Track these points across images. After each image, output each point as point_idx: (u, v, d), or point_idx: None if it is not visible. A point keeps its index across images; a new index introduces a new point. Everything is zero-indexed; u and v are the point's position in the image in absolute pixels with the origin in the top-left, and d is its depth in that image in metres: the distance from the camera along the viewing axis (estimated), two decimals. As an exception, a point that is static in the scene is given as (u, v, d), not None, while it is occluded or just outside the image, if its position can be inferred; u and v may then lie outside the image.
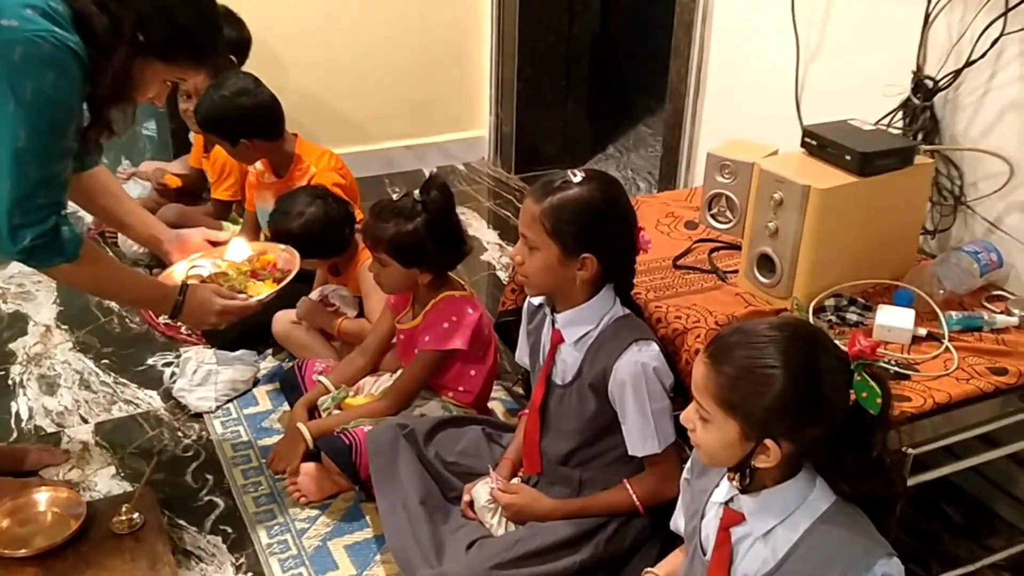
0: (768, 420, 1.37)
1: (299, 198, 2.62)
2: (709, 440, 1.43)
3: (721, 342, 1.42)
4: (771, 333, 1.40)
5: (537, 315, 2.07)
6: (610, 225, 1.84)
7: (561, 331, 1.94)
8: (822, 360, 1.38)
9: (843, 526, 1.44)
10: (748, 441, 1.39)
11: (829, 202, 1.95)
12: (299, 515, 2.25)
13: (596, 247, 1.84)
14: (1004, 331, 1.99)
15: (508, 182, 4.17)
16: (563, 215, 1.82)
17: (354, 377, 2.49)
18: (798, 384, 1.36)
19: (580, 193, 1.82)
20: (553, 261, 1.85)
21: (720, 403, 1.39)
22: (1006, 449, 1.96)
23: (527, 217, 1.86)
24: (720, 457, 1.45)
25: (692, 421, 1.45)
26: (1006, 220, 2.17)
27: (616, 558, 1.96)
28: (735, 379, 1.37)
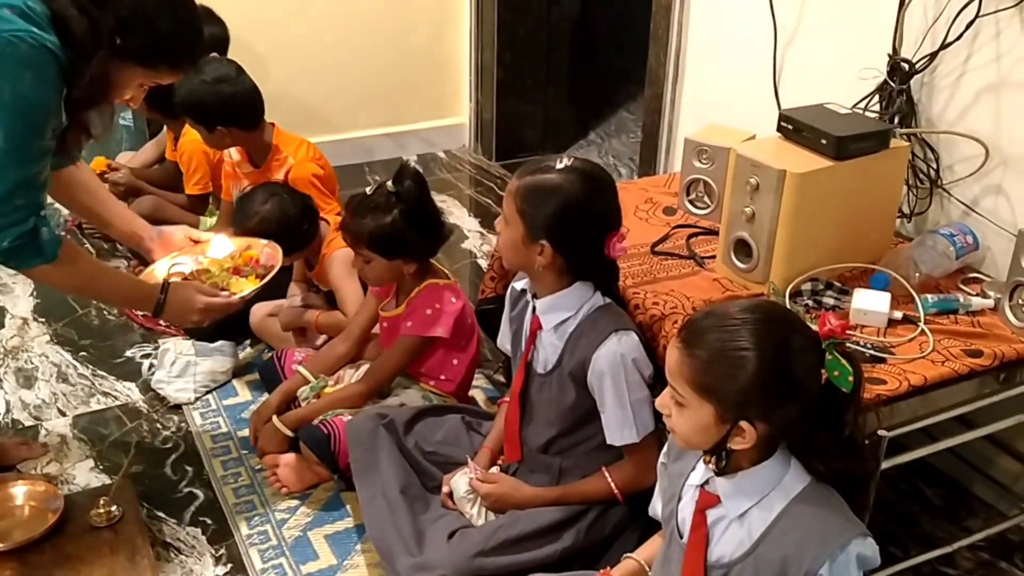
0: (742, 402, 1.38)
1: (255, 197, 2.60)
2: (685, 424, 1.43)
3: (693, 326, 1.42)
4: (743, 315, 1.40)
5: (520, 301, 2.07)
6: (574, 220, 1.81)
7: (540, 317, 1.94)
8: (794, 340, 1.39)
9: (818, 507, 1.45)
10: (723, 424, 1.40)
11: (805, 186, 1.95)
12: (279, 506, 2.24)
13: (555, 237, 1.82)
14: (980, 313, 2.00)
15: (489, 169, 4.16)
16: (531, 197, 1.82)
17: (334, 365, 2.48)
18: (771, 365, 1.36)
19: (556, 180, 1.82)
20: (517, 239, 1.86)
21: (695, 387, 1.39)
22: (982, 430, 1.97)
23: (507, 191, 1.88)
24: (696, 440, 1.45)
25: (667, 406, 1.45)
26: (982, 202, 2.18)
27: (597, 545, 1.96)
28: (708, 362, 1.38)
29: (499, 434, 2.14)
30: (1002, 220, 2.12)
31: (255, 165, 2.90)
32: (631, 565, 1.78)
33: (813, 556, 1.41)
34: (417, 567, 1.90)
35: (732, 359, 1.36)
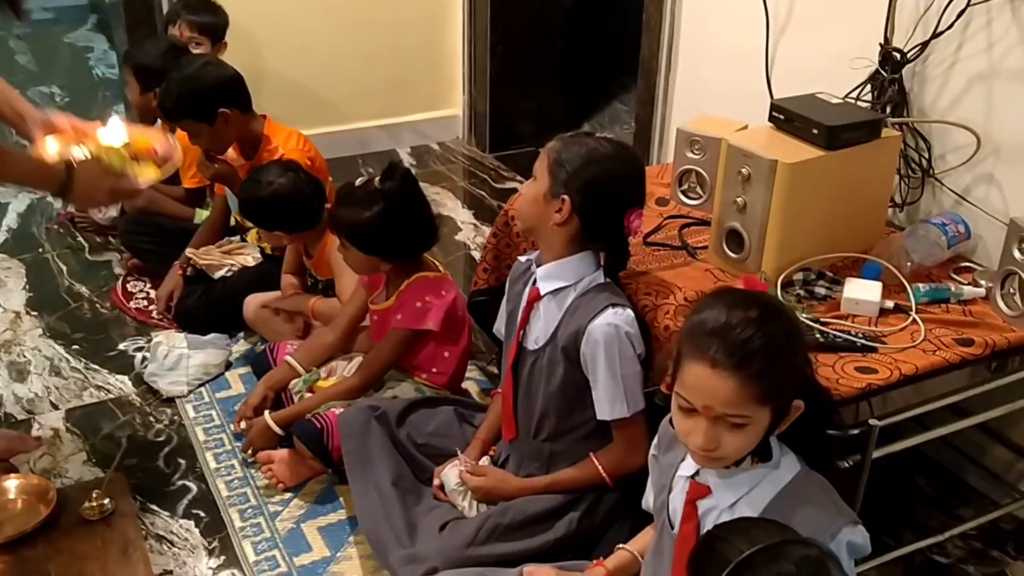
0: (794, 383, 1.41)
1: (271, 169, 2.60)
2: (744, 442, 1.40)
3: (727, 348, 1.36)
4: (754, 312, 1.39)
5: (520, 279, 2.06)
6: (599, 181, 1.84)
7: (539, 284, 1.94)
8: (784, 309, 1.44)
9: (807, 496, 1.45)
10: (776, 416, 1.41)
11: (796, 176, 1.95)
12: (272, 498, 2.25)
13: (576, 192, 1.84)
14: (971, 302, 2.00)
15: (483, 161, 4.15)
16: (564, 152, 1.87)
17: (322, 355, 2.47)
18: (795, 339, 1.42)
19: (591, 143, 1.87)
20: (540, 193, 1.89)
21: (757, 401, 1.37)
22: (974, 419, 1.97)
23: (543, 150, 1.91)
24: (748, 450, 1.43)
25: (715, 439, 1.40)
26: (973, 192, 2.18)
27: (589, 534, 1.96)
28: (765, 371, 1.36)
29: (491, 425, 2.14)
30: (994, 209, 2.11)
31: (247, 157, 2.90)
32: (624, 556, 1.79)
33: (803, 545, 1.42)
34: (409, 559, 1.91)
35: (779, 353, 1.37)
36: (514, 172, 4.00)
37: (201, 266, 2.91)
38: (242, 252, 2.96)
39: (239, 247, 2.96)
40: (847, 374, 1.77)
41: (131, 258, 3.17)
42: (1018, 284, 1.90)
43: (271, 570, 2.05)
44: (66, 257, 3.27)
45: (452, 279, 2.40)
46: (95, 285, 3.10)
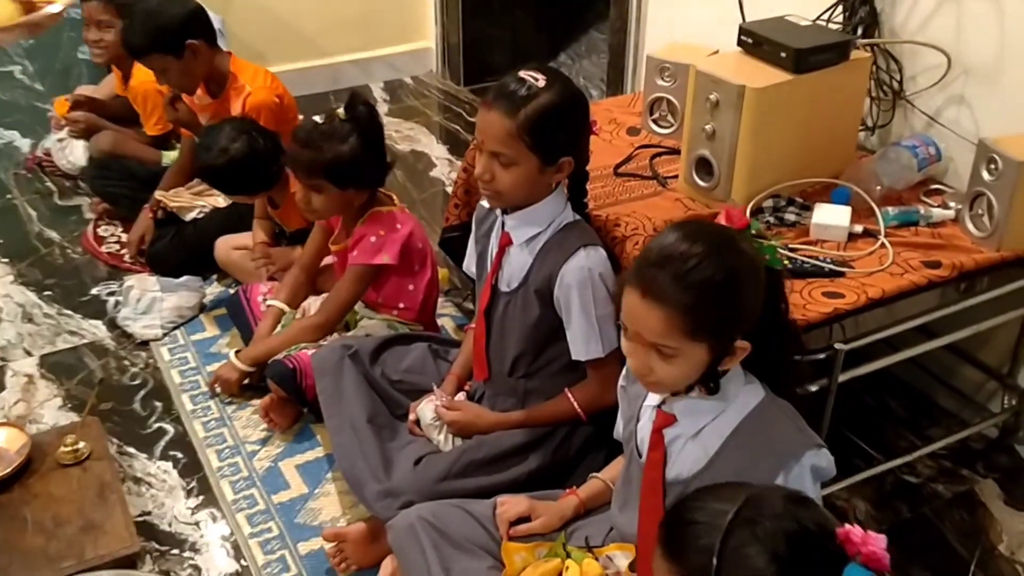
0: (733, 323, 1.39)
1: (223, 132, 2.54)
2: (676, 371, 1.41)
3: (660, 279, 1.36)
4: (698, 247, 1.37)
5: (486, 221, 2.05)
6: (580, 119, 1.83)
7: (510, 232, 1.92)
8: (744, 246, 1.40)
9: (772, 421, 1.46)
10: (715, 353, 1.40)
11: (764, 101, 1.93)
12: (250, 438, 2.26)
13: (572, 148, 1.83)
14: (940, 225, 2.00)
15: (457, 95, 4.10)
16: (543, 125, 1.78)
17: (299, 292, 2.48)
18: (745, 280, 1.38)
19: (552, 99, 1.78)
20: (532, 172, 1.82)
21: (687, 334, 1.36)
22: (941, 340, 1.99)
23: (499, 133, 1.80)
24: (686, 381, 1.44)
25: (647, 366, 1.41)
26: (945, 113, 2.16)
27: (563, 466, 1.97)
28: (694, 305, 1.35)
29: (465, 360, 2.14)
30: (964, 130, 2.10)
31: (213, 95, 2.85)
32: (596, 484, 1.81)
33: (767, 468, 1.43)
34: (384, 493, 1.92)
35: (717, 290, 1.35)
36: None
37: (171, 208, 2.88)
38: (212, 193, 2.92)
39: (209, 189, 2.93)
40: (815, 299, 1.78)
41: (100, 203, 3.14)
42: (986, 205, 1.90)
43: (249, 508, 2.07)
44: (35, 203, 3.23)
45: (408, 212, 2.37)
46: (65, 230, 3.07)
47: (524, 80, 1.80)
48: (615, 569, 1.69)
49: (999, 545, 2.00)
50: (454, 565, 1.69)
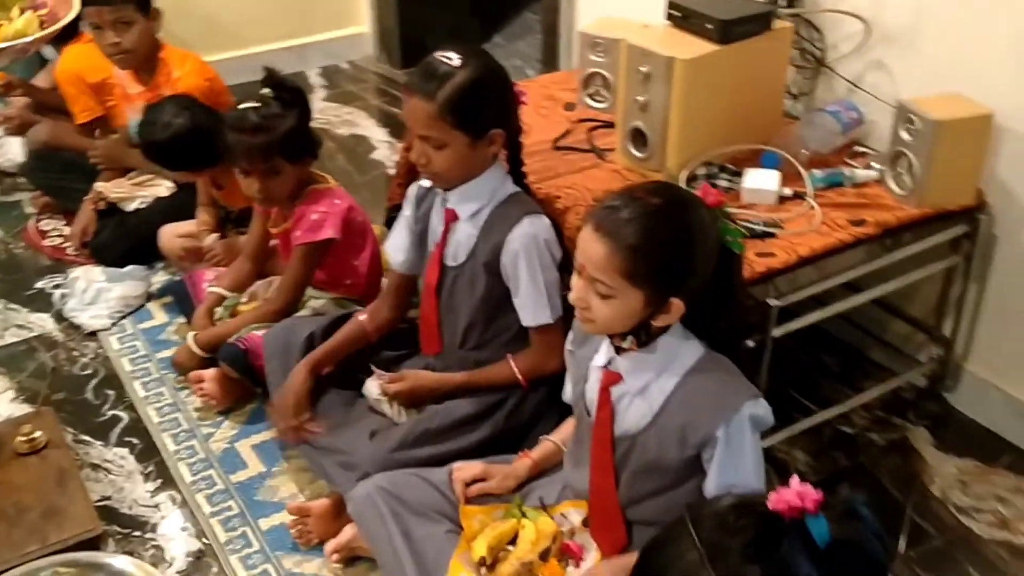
0: (672, 280, 1.45)
1: (166, 108, 2.56)
2: (609, 312, 1.48)
3: (614, 217, 1.44)
4: (657, 199, 1.45)
5: (425, 200, 2.09)
6: (503, 93, 1.88)
7: (455, 208, 1.97)
8: (704, 214, 1.47)
9: (712, 375, 1.54)
10: (651, 305, 1.46)
11: (693, 72, 2.00)
12: (205, 421, 2.29)
13: (500, 120, 1.88)
14: (865, 185, 2.09)
15: (395, 78, 4.11)
16: (463, 103, 1.82)
17: (244, 281, 2.49)
18: (694, 242, 1.44)
19: (468, 75, 1.82)
20: (464, 150, 1.86)
21: (625, 276, 1.43)
22: (868, 294, 2.09)
23: (423, 117, 1.84)
24: (619, 326, 1.50)
25: (585, 299, 1.49)
26: (866, 78, 2.25)
27: (516, 432, 2.02)
28: (637, 250, 1.41)
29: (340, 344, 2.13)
30: (884, 94, 2.19)
31: (143, 84, 2.84)
32: (548, 446, 1.87)
33: (709, 420, 1.51)
34: (342, 466, 1.97)
35: (664, 241, 1.42)
36: (427, 87, 3.97)
37: (113, 200, 2.87)
38: (153, 183, 2.92)
39: (150, 178, 2.93)
40: (749, 260, 1.85)
41: (41, 196, 3.11)
42: (907, 164, 1.99)
43: (208, 488, 2.10)
44: (-26, 200, 3.20)
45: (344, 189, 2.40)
46: (7, 226, 3.05)
47: (439, 62, 1.85)
48: (569, 526, 1.76)
49: (932, 488, 2.11)
50: (414, 531, 1.74)
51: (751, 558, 1.02)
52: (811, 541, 1.02)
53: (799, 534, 1.03)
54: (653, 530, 1.51)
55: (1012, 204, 2.06)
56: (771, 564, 1.01)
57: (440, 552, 1.72)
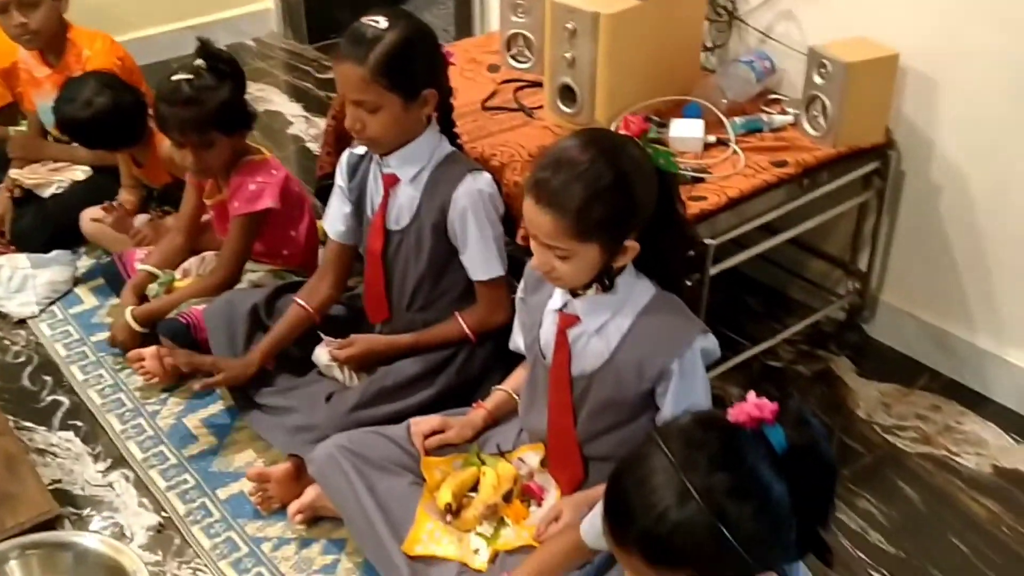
0: (623, 224, 1.51)
1: (87, 84, 2.50)
2: (574, 269, 1.54)
3: (550, 186, 1.48)
4: (587, 152, 1.50)
5: (359, 168, 2.11)
6: (433, 52, 1.91)
7: (395, 172, 2.00)
8: (634, 151, 1.53)
9: (665, 312, 1.62)
10: (607, 252, 1.52)
11: (618, 26, 2.06)
12: (149, 399, 2.27)
13: (431, 79, 1.91)
14: (782, 129, 2.20)
15: (303, 53, 4.08)
16: (395, 64, 1.84)
17: (176, 258, 2.47)
18: (633, 180, 1.50)
19: (398, 36, 1.85)
20: (398, 112, 1.88)
21: (577, 236, 1.49)
22: (790, 232, 2.21)
23: (355, 82, 1.85)
24: (585, 278, 1.57)
25: (548, 264, 1.54)
26: (776, 29, 2.36)
27: (467, 384, 2.07)
28: (581, 209, 1.47)
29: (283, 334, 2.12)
30: (794, 42, 2.30)
31: (51, 65, 2.77)
32: (500, 395, 1.93)
33: (665, 354, 1.59)
34: (298, 429, 2.00)
35: (602, 194, 1.47)
36: (336, 62, 3.96)
37: (28, 186, 2.80)
38: (69, 168, 2.85)
39: (67, 164, 2.86)
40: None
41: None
42: (821, 107, 2.11)
43: (161, 464, 2.09)
44: None
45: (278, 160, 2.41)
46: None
47: (367, 25, 1.87)
48: (528, 468, 1.83)
49: (857, 411, 2.24)
50: (378, 485, 1.78)
51: (719, 467, 1.09)
52: (771, 448, 1.11)
53: (760, 443, 1.12)
54: (608, 465, 1.58)
55: (917, 140, 2.20)
56: (738, 472, 1.10)
57: (405, 503, 1.77)
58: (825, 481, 1.15)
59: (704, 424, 1.16)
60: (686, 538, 1.07)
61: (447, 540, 1.73)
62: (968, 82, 2.07)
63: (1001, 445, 2.15)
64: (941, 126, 2.15)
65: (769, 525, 1.09)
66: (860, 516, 1.97)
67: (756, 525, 1.08)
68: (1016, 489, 2.04)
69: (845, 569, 1.84)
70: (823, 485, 1.15)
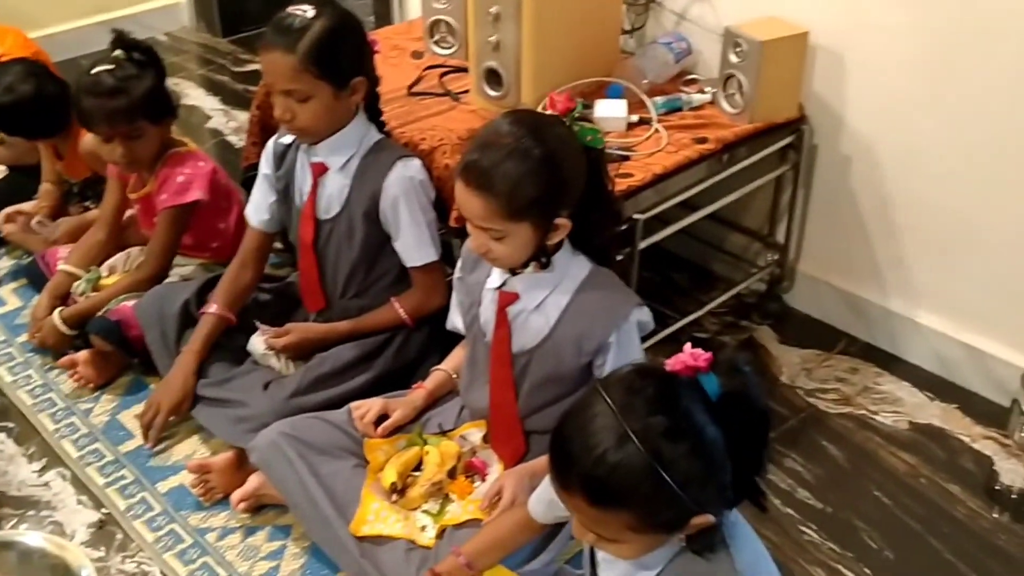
0: (553, 202, 1.55)
1: (11, 70, 2.46)
2: (509, 250, 1.58)
3: (479, 168, 1.53)
4: (514, 134, 1.55)
5: (286, 157, 2.11)
6: (360, 40, 1.93)
7: (323, 161, 2.00)
8: (560, 130, 1.57)
9: (601, 287, 1.67)
10: (540, 229, 1.56)
11: (541, 10, 2.10)
12: (81, 398, 2.24)
13: (360, 67, 1.92)
14: (701, 108, 2.27)
15: (218, 47, 4.03)
16: (325, 52, 1.85)
17: (99, 254, 2.43)
18: (561, 158, 1.55)
19: (326, 24, 1.86)
20: (329, 100, 1.89)
21: (509, 217, 1.53)
22: (712, 207, 2.29)
23: (285, 71, 1.86)
24: (521, 256, 1.61)
25: (484, 245, 1.58)
26: (691, 11, 2.44)
27: (406, 367, 2.10)
28: (511, 191, 1.51)
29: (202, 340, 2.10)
30: (708, 24, 2.38)
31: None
32: (440, 375, 1.96)
33: (603, 327, 1.64)
34: (238, 419, 1.99)
35: (530, 174, 1.51)
36: (252, 55, 3.92)
37: (-62, 190, 2.73)
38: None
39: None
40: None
41: None
42: (737, 85, 2.19)
43: (98, 461, 2.07)
44: None
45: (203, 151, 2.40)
46: None
47: (294, 15, 1.88)
48: (470, 445, 1.87)
49: (781, 377, 2.34)
50: (321, 468, 1.80)
51: (655, 411, 1.15)
52: (705, 395, 1.18)
53: (695, 389, 1.18)
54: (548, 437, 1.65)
55: (827, 114, 2.30)
56: (673, 415, 1.16)
57: (350, 485, 1.79)
58: (758, 427, 1.21)
59: (642, 373, 1.22)
60: (625, 478, 1.13)
61: (394, 519, 1.75)
62: (874, 57, 2.17)
63: (915, 402, 2.27)
64: (850, 100, 2.25)
65: (703, 465, 1.15)
66: (788, 475, 2.06)
67: (690, 465, 1.14)
68: (931, 443, 2.15)
69: (776, 525, 1.93)
70: (756, 431, 1.21)
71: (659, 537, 1.22)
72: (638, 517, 1.16)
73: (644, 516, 1.16)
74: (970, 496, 2.01)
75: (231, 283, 2.14)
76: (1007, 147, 2.05)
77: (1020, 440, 2.13)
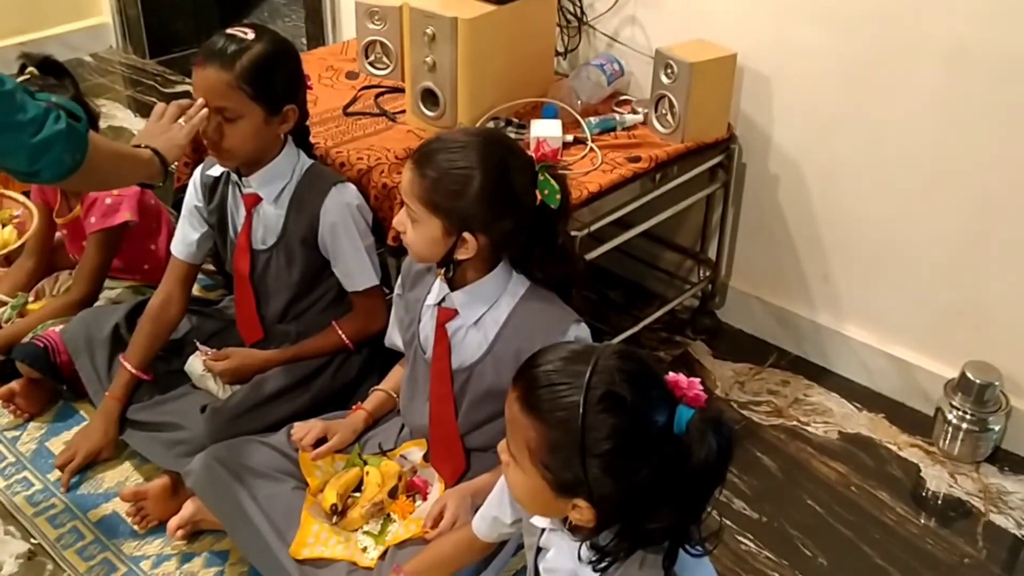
0: (466, 216, 1.56)
1: None
2: (417, 238, 1.60)
3: (424, 149, 1.59)
4: (467, 139, 1.59)
5: (217, 190, 2.09)
6: (296, 68, 1.93)
7: (256, 192, 1.99)
8: (512, 161, 1.59)
9: (540, 303, 1.69)
10: (450, 236, 1.58)
11: (476, 31, 2.13)
12: (7, 427, 2.18)
13: (293, 95, 1.93)
14: (633, 128, 2.32)
15: (145, 67, 3.98)
16: (260, 74, 1.85)
17: (28, 281, 2.39)
18: (492, 182, 1.56)
19: (265, 48, 1.87)
20: (259, 124, 1.89)
21: (425, 203, 1.56)
22: (645, 224, 2.32)
23: (219, 88, 1.85)
24: (427, 253, 1.62)
25: (403, 223, 1.62)
26: (622, 33, 2.49)
27: (345, 388, 2.08)
28: (437, 180, 1.55)
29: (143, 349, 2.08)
30: (640, 46, 2.44)
31: None
32: (379, 396, 1.95)
33: (542, 342, 1.61)
34: (175, 442, 1.96)
35: (457, 177, 1.54)
36: (182, 76, 3.88)
37: None
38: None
39: None
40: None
41: None
42: (668, 105, 2.23)
43: (26, 490, 2.02)
44: None
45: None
46: None
47: (233, 36, 1.88)
48: (410, 464, 1.86)
49: (716, 390, 2.38)
50: (259, 492, 1.77)
51: (624, 380, 1.18)
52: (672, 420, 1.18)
53: (670, 407, 1.18)
54: (488, 455, 1.67)
55: (754, 133, 2.36)
56: (633, 396, 1.18)
57: (289, 508, 1.77)
58: (704, 479, 1.18)
59: (646, 359, 1.26)
60: (551, 399, 1.19)
61: (334, 541, 1.74)
62: (798, 78, 2.24)
63: (845, 412, 2.33)
64: (776, 119, 2.32)
65: (616, 449, 1.17)
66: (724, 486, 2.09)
67: (607, 439, 1.16)
68: (860, 452, 2.21)
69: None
70: (702, 482, 1.18)
71: (545, 491, 1.23)
72: (538, 444, 1.20)
73: (543, 447, 1.20)
74: (898, 502, 2.07)
75: (152, 324, 2.08)
76: (925, 163, 2.13)
77: (944, 448, 2.20)
